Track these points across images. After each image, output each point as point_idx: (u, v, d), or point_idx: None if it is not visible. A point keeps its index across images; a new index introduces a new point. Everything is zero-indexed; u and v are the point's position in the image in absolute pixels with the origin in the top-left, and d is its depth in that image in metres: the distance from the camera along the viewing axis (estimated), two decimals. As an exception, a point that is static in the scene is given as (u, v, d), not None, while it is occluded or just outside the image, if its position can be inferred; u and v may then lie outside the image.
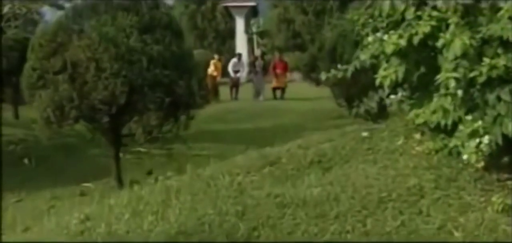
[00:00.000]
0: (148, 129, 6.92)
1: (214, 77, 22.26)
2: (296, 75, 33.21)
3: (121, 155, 8.30)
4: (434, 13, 4.66)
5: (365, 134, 5.61)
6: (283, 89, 22.26)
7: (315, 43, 15.58)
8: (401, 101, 5.27)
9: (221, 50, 40.25)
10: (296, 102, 20.37)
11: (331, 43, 10.03)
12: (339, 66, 6.06)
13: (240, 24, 34.56)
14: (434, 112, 4.61)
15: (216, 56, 23.00)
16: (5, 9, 17.57)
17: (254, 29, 35.97)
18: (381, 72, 5.02)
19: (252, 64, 22.68)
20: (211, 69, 22.27)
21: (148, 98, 6.70)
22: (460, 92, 4.22)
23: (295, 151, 5.49)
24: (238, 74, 22.63)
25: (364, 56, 5.53)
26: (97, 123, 6.94)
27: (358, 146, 5.33)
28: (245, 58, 34.42)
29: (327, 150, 5.41)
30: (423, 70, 5.18)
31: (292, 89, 23.00)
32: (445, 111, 4.42)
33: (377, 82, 4.99)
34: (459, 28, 4.36)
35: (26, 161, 9.68)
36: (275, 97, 22.30)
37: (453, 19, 4.50)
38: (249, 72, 23.62)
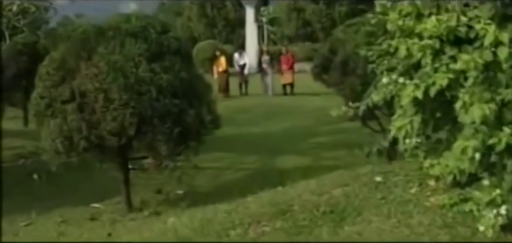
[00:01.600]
0: (158, 159, 6.84)
1: (222, 74, 22.20)
2: (307, 66, 33.12)
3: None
4: (452, 65, 4.52)
5: (378, 178, 5.50)
6: (291, 84, 22.14)
7: (326, 45, 15.36)
8: (415, 147, 5.15)
9: (231, 38, 40.16)
10: (305, 99, 20.24)
11: (344, 56, 9.85)
12: (350, 103, 5.97)
13: (250, 13, 34.30)
14: (449, 167, 4.50)
15: (217, 53, 22.93)
16: (14, 7, 17.52)
17: (264, 19, 35.74)
18: (397, 123, 4.90)
19: (259, 60, 22.55)
20: (219, 68, 22.24)
21: (158, 129, 6.60)
22: (477, 156, 4.10)
23: (308, 198, 5.37)
24: (246, 71, 22.50)
25: (377, 97, 5.41)
26: (106, 152, 6.84)
27: (372, 194, 5.21)
28: (255, 47, 34.36)
29: (340, 198, 5.29)
30: (439, 115, 5.08)
31: (301, 82, 22.84)
32: (461, 171, 4.30)
33: (392, 134, 4.88)
34: (477, 86, 4.23)
35: (35, 176, 9.64)
36: (285, 93, 22.20)
37: (471, 73, 4.36)
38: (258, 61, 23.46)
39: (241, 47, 36.70)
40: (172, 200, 8.51)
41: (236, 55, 23.09)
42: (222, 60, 22.43)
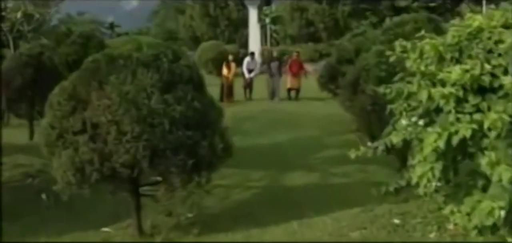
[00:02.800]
0: (170, 190, 6.78)
1: (228, 79, 22.09)
2: (310, 67, 33.04)
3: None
4: (476, 116, 4.45)
5: (396, 221, 5.44)
6: (297, 90, 22.07)
7: (333, 56, 15.34)
8: (435, 191, 5.08)
9: (234, 38, 40.08)
10: (310, 105, 20.15)
11: (354, 75, 9.77)
12: (369, 144, 5.90)
13: (253, 14, 34.24)
14: (471, 221, 4.43)
15: (230, 57, 22.71)
16: (19, 14, 17.44)
17: (267, 20, 35.66)
18: (417, 170, 4.84)
19: (267, 65, 22.41)
20: (225, 71, 22.08)
21: (171, 161, 6.52)
22: (503, 214, 4.03)
23: (326, 241, 5.30)
24: (252, 74, 22.38)
25: (396, 139, 5.35)
26: (118, 183, 6.78)
27: (390, 237, 5.15)
28: (258, 47, 34.25)
29: (359, 241, 5.22)
30: (459, 158, 5.00)
31: (305, 84, 22.78)
32: (485, 227, 4.24)
33: (413, 181, 4.81)
34: (502, 140, 4.16)
35: (44, 196, 9.56)
36: (289, 98, 22.14)
37: (496, 124, 4.29)
38: (262, 65, 23.26)
39: (244, 47, 36.79)
40: (183, 224, 8.44)
41: (248, 59, 22.90)
42: (233, 66, 22.31)
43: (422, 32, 5.81)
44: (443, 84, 4.84)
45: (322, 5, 36.82)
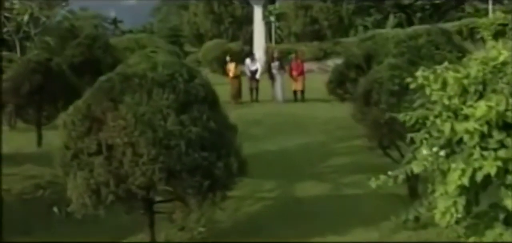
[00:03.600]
0: (186, 210, 6.76)
1: (234, 79, 22.08)
2: (314, 65, 32.97)
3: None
4: (501, 152, 4.42)
5: (417, 251, 5.44)
6: (302, 91, 22.03)
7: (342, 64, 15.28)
8: (456, 223, 5.05)
9: (238, 35, 39.98)
10: (316, 107, 20.09)
11: (366, 86, 9.73)
12: (390, 173, 5.86)
13: (258, 12, 34.11)
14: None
15: (228, 58, 22.72)
16: (25, 17, 17.38)
17: (272, 18, 35.55)
18: (440, 205, 4.81)
19: (268, 67, 22.36)
20: (229, 73, 22.11)
21: (187, 183, 6.50)
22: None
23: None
24: (257, 76, 22.33)
25: (417, 168, 5.32)
26: (133, 204, 6.76)
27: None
28: (262, 45, 34.19)
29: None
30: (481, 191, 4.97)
31: (310, 83, 22.74)
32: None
33: (437, 219, 4.79)
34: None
35: (55, 209, 9.55)
36: (295, 99, 22.08)
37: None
38: (267, 66, 23.15)
39: (249, 44, 36.70)
40: (196, 239, 8.42)
41: (247, 61, 22.86)
42: (232, 66, 22.28)
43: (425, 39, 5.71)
44: (466, 117, 4.80)
45: (326, 3, 36.67)
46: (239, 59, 34.05)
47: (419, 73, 5.52)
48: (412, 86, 5.73)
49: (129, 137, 6.48)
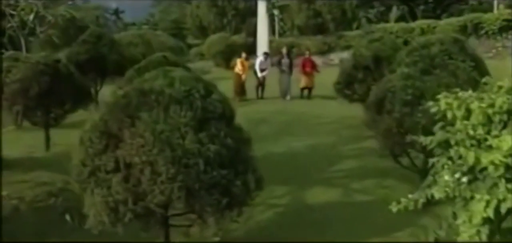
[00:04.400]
0: (203, 226, 6.77)
1: (240, 76, 21.99)
2: (319, 60, 32.87)
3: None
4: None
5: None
6: (310, 89, 22.00)
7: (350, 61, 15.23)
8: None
9: (241, 28, 39.85)
10: (323, 105, 20.08)
11: (378, 95, 9.71)
12: (410, 196, 5.87)
13: (262, 6, 33.97)
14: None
15: (243, 55, 22.53)
16: (31, 16, 17.35)
17: (276, 12, 35.43)
18: (463, 234, 4.82)
19: (278, 63, 22.28)
20: (238, 68, 21.96)
21: (205, 201, 6.51)
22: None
23: None
24: (264, 73, 22.26)
25: (439, 194, 5.33)
26: (151, 221, 6.77)
27: None
28: (266, 39, 34.08)
29: None
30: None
31: (315, 79, 22.71)
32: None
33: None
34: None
35: (68, 217, 9.56)
36: (302, 96, 22.06)
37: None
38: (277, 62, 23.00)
39: (252, 36, 36.58)
40: (211, 249, 8.46)
41: (262, 58, 22.67)
42: (246, 64, 22.16)
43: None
44: (490, 146, 4.80)
45: (330, -4, 36.56)
46: (242, 51, 34.00)
47: (442, 98, 5.51)
48: (432, 110, 5.73)
49: (148, 155, 6.47)
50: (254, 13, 37.71)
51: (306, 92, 22.01)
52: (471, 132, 4.78)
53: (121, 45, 23.64)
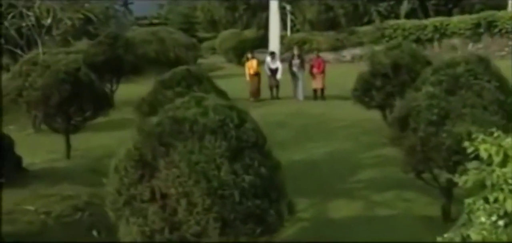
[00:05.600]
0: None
1: (254, 76, 22.08)
2: (330, 56, 32.90)
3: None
4: None
5: None
6: (322, 89, 22.06)
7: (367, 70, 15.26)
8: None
9: (252, 22, 39.90)
10: (337, 106, 20.15)
11: (402, 112, 9.76)
12: (445, 235, 5.92)
13: (274, 3, 33.93)
14: None
15: (249, 55, 22.64)
16: (49, 20, 17.40)
17: (288, 8, 35.40)
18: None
19: (289, 64, 22.34)
20: (250, 70, 22.07)
21: (240, 230, 6.59)
22: None
23: None
24: (278, 76, 22.30)
25: (475, 236, 5.37)
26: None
27: None
28: (277, 35, 34.06)
29: None
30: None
31: (328, 78, 22.75)
32: None
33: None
34: None
35: (95, 233, 9.70)
36: (315, 97, 22.12)
37: None
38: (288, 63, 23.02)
39: (264, 29, 36.59)
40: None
41: (268, 59, 22.84)
42: (254, 63, 22.28)
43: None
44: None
45: (342, -10, 36.49)
46: (254, 47, 34.09)
47: (479, 140, 5.55)
48: (469, 150, 5.77)
49: (183, 186, 6.54)
50: (265, 7, 37.66)
51: (319, 93, 22.06)
52: (510, 181, 4.82)
53: (135, 44, 23.73)
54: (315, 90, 22.02)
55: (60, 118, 14.07)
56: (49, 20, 17.00)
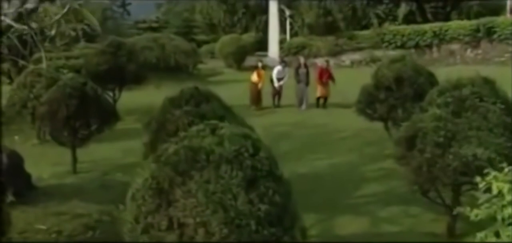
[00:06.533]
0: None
1: (257, 85, 22.18)
2: (330, 61, 32.98)
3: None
4: None
5: None
6: (325, 98, 22.22)
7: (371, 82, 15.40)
8: None
9: (251, 26, 40.01)
10: (339, 115, 20.31)
11: (409, 132, 9.93)
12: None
13: (273, 5, 34.21)
14: None
15: (259, 64, 22.66)
16: (53, 31, 17.54)
17: (287, 12, 35.54)
18: None
19: (295, 72, 22.44)
20: (255, 79, 22.14)
21: (256, 259, 6.73)
22: None
23: None
24: (281, 82, 22.42)
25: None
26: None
27: None
28: (276, 38, 34.29)
29: None
30: None
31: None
32: None
33: None
34: None
35: (107, 252, 9.83)
36: (318, 106, 22.27)
37: None
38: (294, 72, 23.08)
39: (264, 32, 36.75)
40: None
41: (279, 67, 22.73)
42: (262, 73, 22.30)
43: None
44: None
45: (341, -6, 36.64)
46: (254, 50, 34.23)
47: (491, 177, 5.73)
48: (481, 185, 5.96)
49: (201, 216, 6.67)
50: (264, 11, 37.86)
51: (321, 101, 22.22)
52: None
53: (136, 51, 23.83)
54: (318, 98, 22.15)
55: (67, 132, 14.16)
56: (53, 31, 17.16)
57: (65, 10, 11.70)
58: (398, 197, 12.22)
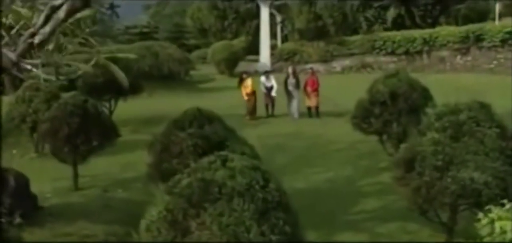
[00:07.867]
0: None
1: (250, 96, 22.47)
2: (321, 67, 33.43)
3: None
4: None
5: None
6: (316, 107, 22.49)
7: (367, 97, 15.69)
8: None
9: (241, 31, 40.28)
10: (333, 125, 20.63)
11: (407, 154, 10.25)
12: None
13: (264, 11, 34.48)
14: None
15: (244, 76, 23.06)
16: (50, 46, 17.63)
17: (278, 18, 35.85)
18: None
19: (284, 83, 22.77)
20: (246, 90, 22.44)
21: (268, 289, 7.02)
22: None
23: None
24: (273, 94, 22.71)
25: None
26: None
27: None
28: (267, 44, 34.58)
29: None
30: None
31: (323, 95, 23.22)
32: None
33: None
34: None
35: (115, 274, 10.08)
36: (310, 116, 22.56)
37: None
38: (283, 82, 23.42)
39: (254, 37, 37.08)
40: None
41: (263, 78, 23.25)
42: (249, 82, 22.68)
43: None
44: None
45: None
46: (245, 55, 34.51)
47: (494, 214, 6.06)
48: (483, 222, 6.29)
49: (216, 249, 6.94)
50: (254, 16, 38.15)
51: (314, 110, 22.51)
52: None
53: (130, 60, 24.02)
54: (309, 108, 22.46)
55: (68, 148, 14.33)
56: (51, 46, 17.27)
57: (92, 62, 11.85)
58: (395, 212, 12.51)
